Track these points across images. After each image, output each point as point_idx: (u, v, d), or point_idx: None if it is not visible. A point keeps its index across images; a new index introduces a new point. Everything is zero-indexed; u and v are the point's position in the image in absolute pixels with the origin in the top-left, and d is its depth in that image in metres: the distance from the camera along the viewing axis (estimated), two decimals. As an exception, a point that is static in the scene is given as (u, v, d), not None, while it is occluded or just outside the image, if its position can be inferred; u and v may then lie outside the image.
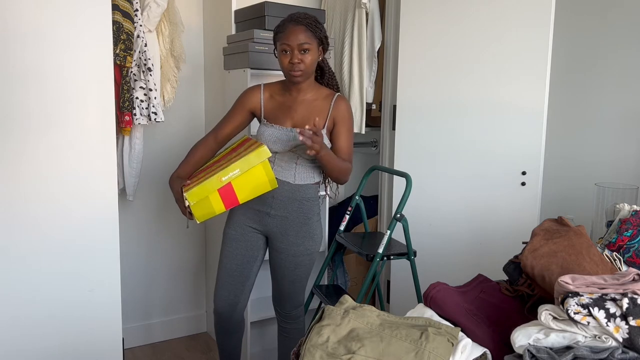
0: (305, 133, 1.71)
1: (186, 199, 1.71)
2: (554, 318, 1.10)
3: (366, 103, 2.91)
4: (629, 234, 1.60)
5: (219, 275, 2.08)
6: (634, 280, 1.11)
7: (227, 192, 1.78)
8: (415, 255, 2.26)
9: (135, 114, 2.37)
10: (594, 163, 2.64)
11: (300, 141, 1.74)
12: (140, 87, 2.38)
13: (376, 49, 2.89)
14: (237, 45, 2.43)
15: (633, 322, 1.03)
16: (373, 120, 3.13)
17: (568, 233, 1.43)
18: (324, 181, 2.10)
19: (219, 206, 1.78)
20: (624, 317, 1.04)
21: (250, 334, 2.62)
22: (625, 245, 1.59)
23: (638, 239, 1.58)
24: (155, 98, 2.40)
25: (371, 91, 2.97)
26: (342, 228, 2.49)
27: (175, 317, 2.98)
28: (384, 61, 2.97)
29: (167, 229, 2.90)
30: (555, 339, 1.08)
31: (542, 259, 1.36)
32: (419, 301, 2.27)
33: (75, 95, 1.79)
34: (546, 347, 1.07)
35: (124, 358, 2.05)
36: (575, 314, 1.05)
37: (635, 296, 1.05)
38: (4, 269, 1.75)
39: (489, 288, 1.45)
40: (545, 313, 1.11)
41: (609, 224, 1.80)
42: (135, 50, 2.33)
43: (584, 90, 2.67)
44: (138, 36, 2.33)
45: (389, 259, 2.25)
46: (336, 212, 3.11)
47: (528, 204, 2.55)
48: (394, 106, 2.85)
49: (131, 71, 2.35)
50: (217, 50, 2.69)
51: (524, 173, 2.54)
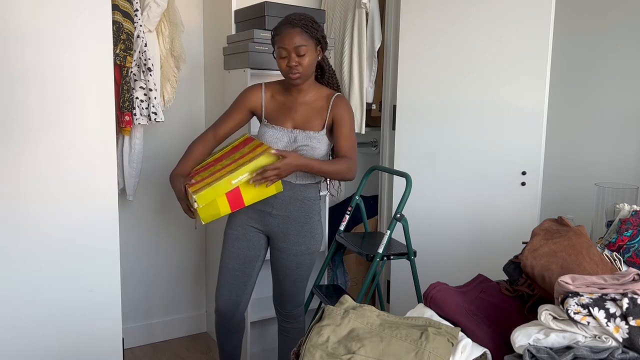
0: (255, 179, 1.78)
1: (195, 201, 1.71)
2: (554, 318, 1.10)
3: (366, 103, 2.91)
4: (629, 234, 1.60)
5: (221, 275, 2.08)
6: (634, 280, 1.11)
7: (235, 195, 1.78)
8: (415, 255, 2.26)
9: (135, 114, 2.37)
10: (594, 163, 2.64)
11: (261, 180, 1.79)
12: (140, 87, 2.38)
13: (376, 49, 2.89)
14: (237, 45, 2.43)
15: (633, 322, 1.03)
16: (373, 120, 3.13)
17: (568, 233, 1.43)
18: (325, 180, 2.10)
19: (225, 208, 1.78)
20: (624, 317, 1.04)
21: (250, 334, 2.62)
22: (625, 245, 1.59)
23: (638, 239, 1.58)
24: (155, 98, 2.40)
25: (371, 91, 2.97)
26: (342, 228, 2.49)
27: (176, 317, 2.98)
28: (384, 61, 2.97)
29: (167, 229, 2.90)
30: (555, 339, 1.08)
31: (542, 259, 1.36)
32: (419, 301, 2.27)
33: (75, 95, 1.79)
34: (546, 347, 1.07)
35: (124, 358, 2.05)
36: (575, 314, 1.06)
37: (635, 296, 1.05)
38: (4, 269, 1.75)
39: (489, 288, 1.45)
40: (545, 313, 1.11)
41: (609, 224, 1.80)
42: (135, 50, 2.33)
43: (584, 90, 2.67)
44: (138, 36, 2.33)
45: (389, 259, 2.25)
46: (336, 212, 3.11)
47: (528, 204, 2.55)
48: (394, 106, 2.85)
49: (131, 71, 2.35)
50: (217, 50, 2.69)
51: (524, 173, 2.55)
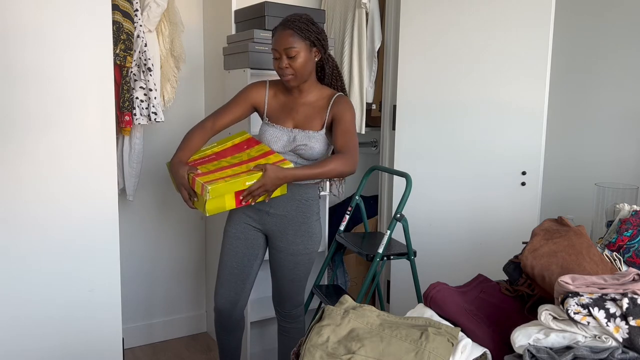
0: (246, 199, 1.81)
1: (208, 192, 1.73)
2: (554, 318, 1.10)
3: (366, 103, 2.91)
4: (629, 234, 1.60)
5: (220, 273, 2.08)
6: (634, 280, 1.11)
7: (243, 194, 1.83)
8: (415, 255, 2.26)
9: (135, 114, 2.37)
10: (594, 163, 2.64)
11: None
12: (140, 87, 2.38)
13: (376, 49, 2.89)
14: (237, 45, 2.43)
15: (633, 322, 1.03)
16: (373, 120, 3.13)
17: (568, 233, 1.43)
18: (328, 180, 2.09)
19: (230, 204, 1.82)
20: (624, 317, 1.04)
21: (250, 334, 2.62)
22: (625, 245, 1.59)
23: (638, 239, 1.58)
24: (155, 98, 2.40)
25: (371, 91, 2.97)
26: (342, 228, 2.49)
27: (176, 317, 2.98)
28: (384, 61, 2.97)
29: (167, 229, 2.90)
30: (555, 339, 1.08)
31: (542, 259, 1.36)
32: (419, 301, 2.27)
33: (75, 95, 1.79)
34: (546, 347, 1.07)
35: (124, 358, 2.05)
36: (575, 314, 1.06)
37: (635, 296, 1.05)
38: (4, 269, 1.75)
39: (489, 288, 1.45)
40: (545, 313, 1.11)
41: (609, 224, 1.80)
42: (135, 50, 2.33)
43: (584, 90, 2.67)
44: (138, 36, 2.33)
45: (389, 259, 2.25)
46: (336, 212, 3.11)
47: (528, 204, 2.55)
48: (394, 106, 2.85)
49: (131, 71, 2.35)
50: (217, 50, 2.69)
51: (524, 173, 2.54)
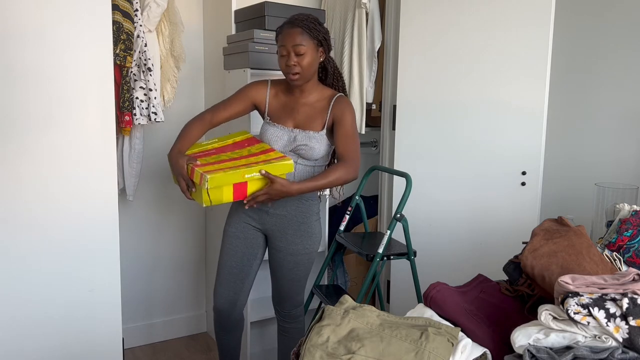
0: (249, 204, 1.84)
1: (206, 181, 1.73)
2: (554, 318, 1.10)
3: (366, 103, 2.91)
4: (629, 234, 1.60)
5: (219, 272, 2.09)
6: (634, 280, 1.11)
7: (241, 188, 1.83)
8: (415, 255, 2.26)
9: (135, 114, 2.37)
10: (594, 163, 2.64)
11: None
12: (140, 87, 2.38)
13: (376, 49, 2.89)
14: (237, 45, 2.43)
15: (633, 322, 1.03)
16: (373, 120, 3.13)
17: (568, 233, 1.43)
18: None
19: (228, 196, 1.82)
20: (624, 317, 1.04)
21: (250, 334, 2.62)
22: (625, 245, 1.59)
23: (638, 239, 1.58)
24: (155, 98, 2.40)
25: (371, 91, 2.97)
26: (342, 228, 2.49)
27: (176, 317, 2.98)
28: (384, 61, 2.97)
29: (167, 229, 2.90)
30: (555, 339, 1.08)
31: (542, 259, 1.36)
32: (419, 301, 2.27)
33: (75, 95, 1.79)
34: (546, 347, 1.07)
35: (124, 358, 2.05)
36: (575, 314, 1.05)
37: (635, 296, 1.05)
38: (4, 269, 1.75)
39: (489, 288, 1.45)
40: (545, 313, 1.11)
41: (609, 224, 1.80)
42: (135, 50, 2.33)
43: (584, 90, 2.67)
44: (138, 36, 2.33)
45: (389, 259, 2.25)
46: (336, 212, 3.11)
47: (528, 204, 2.55)
48: (394, 106, 2.85)
49: (131, 71, 2.35)
50: (217, 50, 2.69)
51: (524, 173, 2.54)
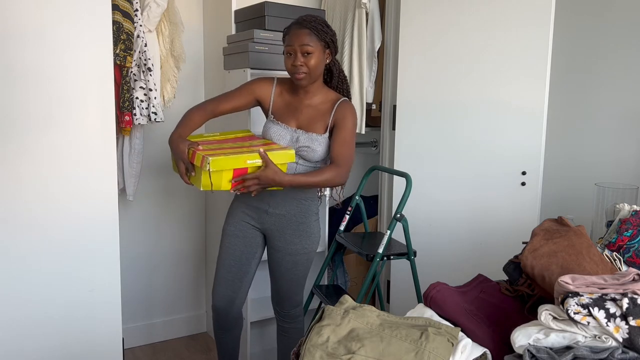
0: (237, 188, 1.82)
1: (208, 164, 1.72)
2: (554, 318, 1.10)
3: (366, 103, 2.91)
4: (629, 234, 1.60)
5: (218, 271, 2.09)
6: (634, 280, 1.11)
7: (241, 174, 1.81)
8: (415, 255, 2.26)
9: (135, 114, 2.37)
10: (594, 163, 2.64)
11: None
12: (140, 87, 2.38)
13: (376, 49, 2.88)
14: (237, 45, 2.43)
15: (633, 322, 1.03)
16: (373, 120, 3.13)
17: (568, 233, 1.43)
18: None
19: (226, 183, 1.80)
20: (624, 317, 1.04)
21: (250, 334, 2.62)
22: (625, 245, 1.59)
23: (638, 239, 1.58)
24: (155, 98, 2.40)
25: (371, 91, 2.97)
26: (342, 228, 2.49)
27: (176, 317, 2.98)
28: (384, 61, 2.97)
29: (167, 229, 2.90)
30: (555, 339, 1.08)
31: (542, 259, 1.36)
32: (419, 301, 2.27)
33: (75, 95, 1.79)
34: (546, 347, 1.07)
35: (124, 358, 2.05)
36: (575, 314, 1.05)
37: (635, 296, 1.05)
38: (4, 269, 1.75)
39: (489, 288, 1.45)
40: (545, 313, 1.11)
41: (609, 224, 1.80)
42: (135, 50, 2.33)
43: (584, 90, 2.67)
44: (138, 36, 2.33)
45: (389, 259, 2.25)
46: (336, 212, 3.10)
47: (528, 204, 2.55)
48: (394, 106, 2.85)
49: (131, 71, 2.35)
50: (217, 50, 2.69)
51: (524, 173, 2.54)
